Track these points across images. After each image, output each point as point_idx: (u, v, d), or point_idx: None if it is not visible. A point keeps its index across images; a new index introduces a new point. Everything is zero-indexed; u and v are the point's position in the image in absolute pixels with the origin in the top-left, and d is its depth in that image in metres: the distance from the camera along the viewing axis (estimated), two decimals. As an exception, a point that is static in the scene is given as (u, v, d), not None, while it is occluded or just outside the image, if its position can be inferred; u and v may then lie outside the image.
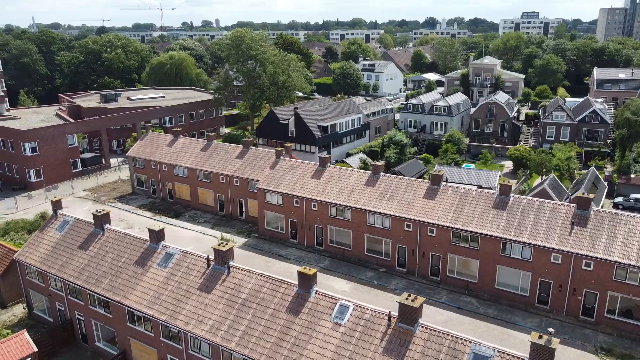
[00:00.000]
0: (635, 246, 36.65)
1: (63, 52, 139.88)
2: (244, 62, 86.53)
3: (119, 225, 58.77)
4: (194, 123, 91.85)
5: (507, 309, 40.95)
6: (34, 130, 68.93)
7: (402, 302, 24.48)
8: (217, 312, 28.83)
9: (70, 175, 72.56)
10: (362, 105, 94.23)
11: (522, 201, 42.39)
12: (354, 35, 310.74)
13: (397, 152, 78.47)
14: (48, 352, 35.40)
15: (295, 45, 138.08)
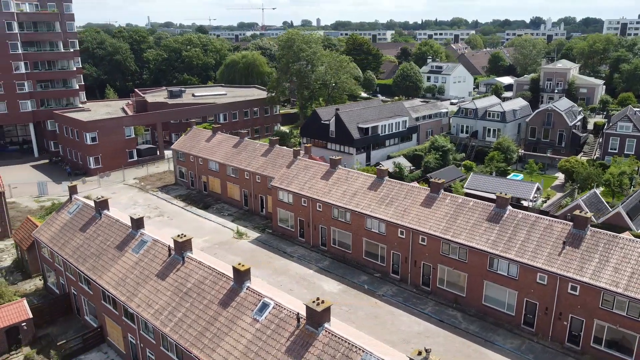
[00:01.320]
0: (627, 273, 33.48)
1: (150, 50, 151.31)
2: (294, 63, 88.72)
3: (152, 212, 63.62)
4: (247, 120, 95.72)
5: (491, 328, 39.10)
6: (94, 122, 76.14)
7: (308, 305, 24.82)
8: (164, 298, 30.90)
9: (126, 164, 79.11)
10: (414, 108, 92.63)
11: (517, 215, 40.14)
12: (443, 35, 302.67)
13: (438, 158, 76.47)
14: (47, 320, 39.65)
15: (364, 46, 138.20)
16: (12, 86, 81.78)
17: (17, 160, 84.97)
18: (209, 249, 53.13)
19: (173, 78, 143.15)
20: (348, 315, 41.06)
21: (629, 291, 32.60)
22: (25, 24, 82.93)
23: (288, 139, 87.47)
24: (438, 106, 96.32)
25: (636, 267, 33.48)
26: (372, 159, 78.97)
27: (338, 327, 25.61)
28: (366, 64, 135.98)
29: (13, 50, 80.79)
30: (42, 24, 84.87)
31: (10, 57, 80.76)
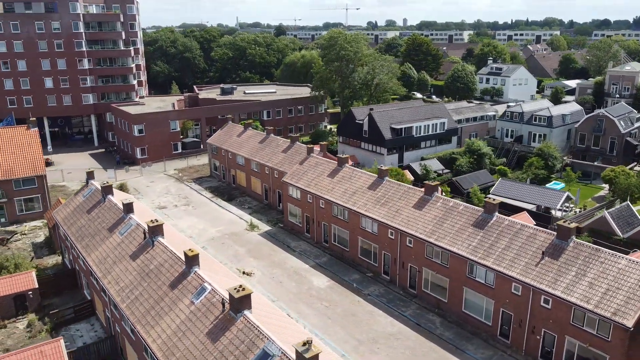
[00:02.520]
0: (602, 289, 31.27)
1: (217, 49, 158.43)
2: (334, 62, 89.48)
3: (180, 201, 67.36)
4: (292, 118, 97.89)
5: (467, 336, 37.92)
6: (141, 115, 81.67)
7: (230, 292, 25.88)
8: (130, 277, 33.30)
9: (170, 156, 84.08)
10: (458, 110, 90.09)
11: (503, 222, 38.56)
12: (524, 36, 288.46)
13: (472, 161, 74.15)
14: (54, 292, 43.73)
15: (424, 47, 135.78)
16: (77, 80, 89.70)
17: (80, 148, 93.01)
18: (219, 238, 55.64)
19: (236, 76, 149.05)
20: (325, 311, 41.55)
21: (600, 309, 30.48)
22: (90, 23, 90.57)
23: (326, 137, 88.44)
24: (485, 109, 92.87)
25: (612, 284, 31.19)
26: (405, 160, 77.93)
27: (259, 314, 26.45)
28: (424, 64, 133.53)
29: (78, 47, 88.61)
30: (105, 24, 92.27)
31: (75, 54, 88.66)
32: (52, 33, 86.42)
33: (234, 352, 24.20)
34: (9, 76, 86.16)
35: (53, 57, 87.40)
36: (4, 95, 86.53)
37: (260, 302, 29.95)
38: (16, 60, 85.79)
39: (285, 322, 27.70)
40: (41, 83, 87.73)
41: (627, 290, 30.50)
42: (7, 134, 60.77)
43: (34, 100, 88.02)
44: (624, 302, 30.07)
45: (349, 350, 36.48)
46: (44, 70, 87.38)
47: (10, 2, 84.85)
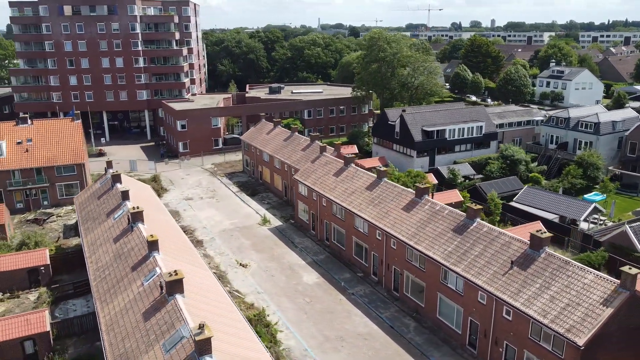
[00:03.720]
0: (562, 304, 29.52)
1: (277, 49, 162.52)
2: (373, 63, 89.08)
3: (207, 194, 70.53)
4: (333, 118, 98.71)
5: (437, 343, 37.05)
6: (184, 111, 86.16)
7: (164, 277, 27.43)
8: (107, 258, 35.98)
9: (210, 151, 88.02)
10: (501, 113, 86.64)
11: (482, 229, 37.23)
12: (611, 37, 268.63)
13: (505, 167, 71.23)
14: (65, 269, 47.78)
15: (483, 48, 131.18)
16: (132, 78, 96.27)
17: (134, 141, 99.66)
18: (229, 230, 57.84)
19: (294, 75, 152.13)
20: (305, 306, 42.19)
21: (555, 324, 28.82)
22: (147, 25, 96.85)
23: (361, 137, 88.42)
24: (532, 113, 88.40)
25: (574, 299, 29.34)
26: (437, 164, 76.16)
27: (193, 298, 27.81)
28: (483, 67, 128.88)
29: (134, 47, 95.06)
30: (161, 25, 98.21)
31: (132, 53, 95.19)
32: (112, 33, 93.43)
33: (156, 331, 25.74)
34: (74, 73, 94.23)
35: (112, 55, 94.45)
36: (69, 90, 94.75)
37: (207, 288, 31.30)
38: (80, 59, 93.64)
39: (218, 309, 28.83)
40: (101, 80, 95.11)
41: (587, 307, 28.58)
42: (53, 125, 66.83)
43: (94, 95, 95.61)
44: (581, 319, 28.23)
45: (313, 346, 36.94)
46: (103, 67, 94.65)
47: (77, 5, 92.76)
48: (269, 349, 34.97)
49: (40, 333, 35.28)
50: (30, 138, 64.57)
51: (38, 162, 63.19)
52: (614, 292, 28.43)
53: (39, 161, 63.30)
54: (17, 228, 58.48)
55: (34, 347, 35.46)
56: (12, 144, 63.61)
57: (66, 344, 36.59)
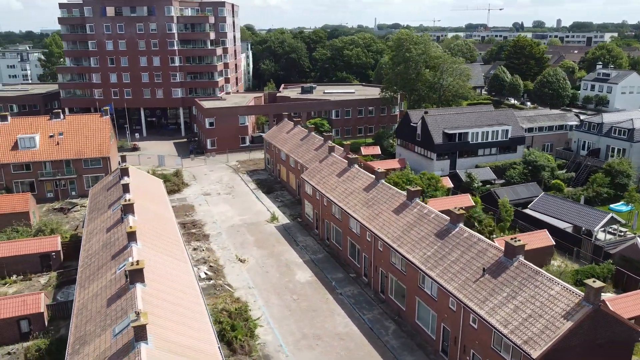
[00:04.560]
0: (525, 314, 28.64)
1: (318, 49, 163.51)
2: (399, 64, 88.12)
3: (225, 190, 72.47)
4: (361, 118, 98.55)
5: (413, 348, 36.70)
6: (211, 109, 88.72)
7: (126, 267, 28.86)
8: (97, 246, 38.06)
9: (237, 148, 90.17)
10: (532, 117, 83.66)
11: (462, 234, 36.52)
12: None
13: (526, 173, 68.93)
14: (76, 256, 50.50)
15: (527, 49, 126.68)
16: (168, 76, 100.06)
17: (169, 137, 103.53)
18: (237, 226, 59.29)
19: (333, 75, 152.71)
20: (290, 303, 42.80)
21: (514, 335, 28.01)
22: (183, 25, 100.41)
23: (386, 139, 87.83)
24: (566, 118, 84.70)
25: (537, 310, 28.38)
26: (458, 167, 74.67)
27: (154, 288, 29.09)
28: (526, 69, 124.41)
29: (170, 47, 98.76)
30: (197, 25, 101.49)
31: (168, 52, 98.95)
32: (149, 33, 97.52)
33: (112, 316, 27.17)
34: (114, 71, 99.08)
35: (149, 54, 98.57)
36: (109, 87, 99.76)
37: (177, 278, 32.52)
38: (120, 57, 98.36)
39: (179, 299, 29.94)
40: (139, 77, 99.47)
41: (548, 319, 27.59)
42: (83, 120, 70.78)
43: (132, 92, 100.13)
44: (540, 331, 27.30)
45: (289, 343, 37.50)
46: (141, 66, 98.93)
47: (119, 7, 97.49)
48: (242, 342, 36.00)
49: (35, 314, 37.80)
50: (62, 132, 68.68)
51: (67, 155, 67.16)
52: (577, 306, 27.29)
53: (68, 154, 67.26)
54: (44, 216, 62.38)
55: (29, 326, 38.07)
56: (45, 137, 67.92)
57: (59, 325, 38.90)
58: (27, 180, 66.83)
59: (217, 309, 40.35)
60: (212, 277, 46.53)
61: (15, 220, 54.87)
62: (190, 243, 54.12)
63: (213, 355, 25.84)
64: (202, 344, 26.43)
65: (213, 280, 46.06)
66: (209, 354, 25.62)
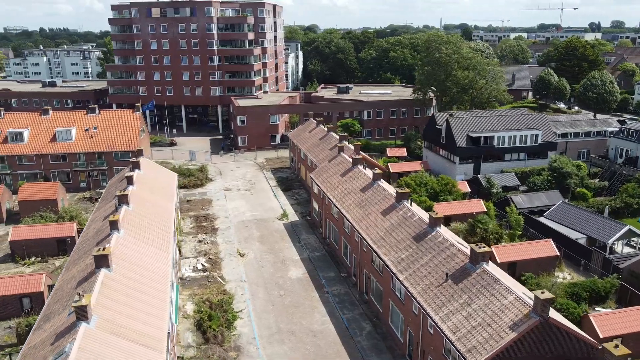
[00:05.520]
0: (475, 322, 27.97)
1: (364, 50, 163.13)
2: (429, 65, 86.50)
3: (245, 186, 74.44)
4: (394, 120, 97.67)
5: (382, 350, 36.54)
6: (244, 107, 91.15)
7: (94, 253, 30.81)
8: (91, 233, 40.60)
9: (267, 146, 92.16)
10: (567, 122, 79.80)
11: (437, 238, 35.90)
12: None
13: (551, 180, 66.10)
14: (91, 242, 54.10)
15: (579, 51, 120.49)
16: (207, 75, 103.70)
17: (207, 133, 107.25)
18: (247, 221, 60.89)
19: (378, 76, 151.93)
20: (276, 298, 43.66)
21: (460, 342, 27.45)
22: (223, 25, 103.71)
23: (414, 141, 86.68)
24: (606, 123, 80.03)
25: (487, 319, 27.65)
26: (483, 171, 72.57)
27: (120, 272, 30.88)
28: (577, 71, 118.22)
29: (210, 46, 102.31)
30: (237, 25, 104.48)
31: (207, 51, 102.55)
32: (190, 33, 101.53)
33: (74, 297, 29.08)
34: (157, 69, 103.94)
35: (190, 54, 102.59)
36: (152, 84, 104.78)
37: (149, 267, 34.20)
38: (163, 56, 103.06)
39: (144, 285, 31.52)
40: (180, 76, 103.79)
41: (495, 329, 26.81)
42: (116, 115, 75.03)
43: (173, 90, 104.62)
44: (485, 340, 26.59)
45: (263, 336, 38.38)
46: (182, 65, 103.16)
47: (164, 8, 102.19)
48: (216, 332, 37.27)
49: (36, 292, 40.87)
50: (96, 126, 73.18)
51: (99, 147, 71.52)
52: (525, 317, 26.34)
53: (100, 146, 71.60)
54: (74, 204, 66.70)
55: (30, 304, 41.23)
56: (80, 131, 72.64)
57: (58, 305, 41.90)
58: (63, 170, 71.76)
59: (202, 299, 41.96)
60: (207, 269, 48.23)
61: (43, 207, 59.21)
62: (197, 235, 56.26)
63: (157, 339, 27.16)
64: (150, 328, 27.82)
65: (208, 272, 47.74)
66: (152, 338, 26.97)
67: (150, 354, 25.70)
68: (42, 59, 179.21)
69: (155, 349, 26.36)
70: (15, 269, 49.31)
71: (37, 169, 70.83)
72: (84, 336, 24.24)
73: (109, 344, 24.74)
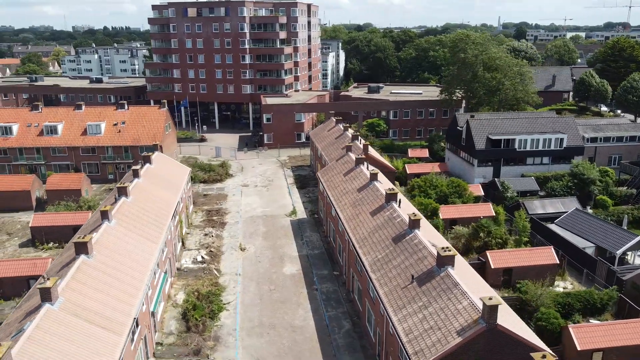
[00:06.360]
0: (428, 325, 27.87)
1: (404, 49, 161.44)
2: (454, 65, 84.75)
3: (263, 182, 75.95)
4: (421, 120, 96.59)
5: (355, 349, 36.79)
6: (270, 105, 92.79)
7: (74, 240, 32.78)
8: (93, 220, 43.00)
9: (292, 144, 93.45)
10: (599, 126, 76.32)
11: (413, 240, 35.71)
12: None
13: (570, 186, 63.68)
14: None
15: (627, 51, 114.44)
16: (239, 73, 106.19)
17: (238, 130, 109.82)
18: (256, 217, 62.30)
19: (416, 76, 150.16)
20: (265, 293, 44.66)
21: (410, 345, 27.42)
22: (256, 25, 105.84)
23: (437, 142, 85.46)
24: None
25: (439, 322, 27.45)
26: (503, 175, 70.74)
27: (98, 260, 32.75)
28: (624, 73, 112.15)
29: (242, 45, 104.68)
30: (269, 25, 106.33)
31: (240, 50, 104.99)
32: (224, 32, 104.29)
33: (52, 281, 31.19)
34: (192, 67, 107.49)
35: (223, 53, 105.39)
36: (187, 82, 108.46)
37: (132, 256, 35.99)
38: (197, 55, 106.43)
39: (121, 272, 33.25)
40: (213, 74, 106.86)
41: (443, 333, 26.61)
42: (143, 111, 78.40)
43: (207, 87, 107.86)
44: (432, 344, 26.45)
45: (243, 328, 39.43)
46: (215, 63, 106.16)
47: (200, 8, 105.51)
48: (198, 321, 38.70)
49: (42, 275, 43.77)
50: (124, 121, 76.79)
51: (125, 142, 75.05)
52: (473, 322, 25.99)
53: (127, 140, 75.11)
54: (99, 195, 70.37)
55: (36, 285, 44.20)
56: (110, 125, 76.46)
57: (62, 288, 44.67)
58: (93, 162, 75.81)
59: (192, 290, 43.55)
60: (206, 261, 49.86)
61: (68, 196, 62.93)
62: (204, 229, 58.13)
63: (120, 324, 28.71)
64: (116, 313, 29.42)
65: (206, 264, 49.36)
66: (115, 322, 28.54)
67: (108, 336, 27.26)
68: (94, 57, 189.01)
69: (115, 332, 27.91)
70: (34, 252, 52.81)
71: (69, 160, 75.19)
72: (44, 316, 26.06)
73: (68, 325, 26.46)
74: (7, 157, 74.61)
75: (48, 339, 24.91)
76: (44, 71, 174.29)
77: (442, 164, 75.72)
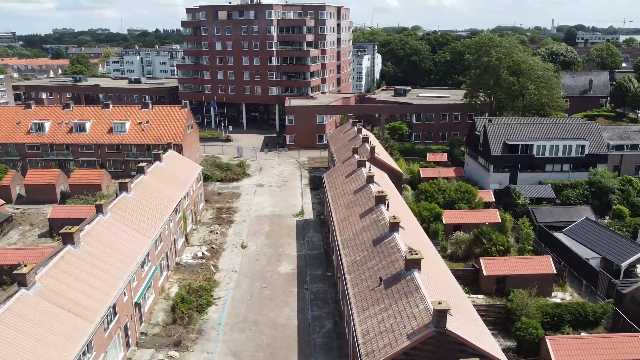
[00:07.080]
0: (384, 327, 27.88)
1: (440, 52, 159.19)
2: (476, 69, 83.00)
3: (278, 182, 77.09)
4: (445, 124, 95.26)
5: (331, 349, 37.14)
6: (293, 107, 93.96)
7: (64, 230, 34.70)
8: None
9: (314, 146, 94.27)
10: (624, 133, 73.09)
11: (390, 243, 35.67)
12: None
13: (587, 195, 61.46)
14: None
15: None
16: (266, 75, 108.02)
17: (265, 131, 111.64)
18: (263, 216, 63.46)
19: (449, 79, 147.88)
20: (255, 290, 45.59)
21: (364, 346, 27.56)
22: (284, 27, 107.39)
23: (457, 147, 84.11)
24: (673, 136, 72.12)
25: (394, 325, 27.44)
26: (520, 182, 68.99)
27: (84, 250, 34.53)
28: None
29: (269, 47, 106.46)
30: (297, 27, 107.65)
31: (267, 52, 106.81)
32: (252, 35, 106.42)
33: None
34: (221, 69, 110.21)
35: (251, 55, 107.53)
36: (217, 83, 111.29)
37: (121, 249, 37.64)
38: (226, 57, 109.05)
39: (107, 264, 34.88)
40: (241, 75, 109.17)
41: (395, 336, 26.60)
42: (166, 110, 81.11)
43: (235, 89, 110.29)
44: (383, 346, 26.48)
45: (228, 323, 40.41)
46: (244, 65, 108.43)
47: (230, 11, 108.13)
48: (184, 314, 40.01)
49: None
50: (148, 120, 79.78)
51: (148, 140, 77.94)
52: (424, 327, 25.86)
53: (149, 139, 77.99)
54: (121, 190, 73.31)
55: (43, 273, 46.80)
56: (134, 124, 79.63)
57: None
58: (117, 159, 79.14)
59: (185, 284, 44.96)
60: (205, 258, 51.27)
61: (87, 191, 66.10)
62: (211, 226, 59.71)
63: (93, 311, 30.22)
64: (92, 301, 30.97)
65: (205, 260, 50.77)
66: (89, 309, 30.07)
67: (78, 322, 28.77)
68: (136, 58, 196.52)
69: (86, 318, 29.42)
70: (50, 242, 55.82)
71: (95, 157, 78.82)
72: (18, 300, 27.83)
73: (40, 309, 28.14)
74: (39, 153, 79.01)
75: (17, 321, 26.60)
76: (91, 72, 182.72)
77: (457, 168, 74.57)
